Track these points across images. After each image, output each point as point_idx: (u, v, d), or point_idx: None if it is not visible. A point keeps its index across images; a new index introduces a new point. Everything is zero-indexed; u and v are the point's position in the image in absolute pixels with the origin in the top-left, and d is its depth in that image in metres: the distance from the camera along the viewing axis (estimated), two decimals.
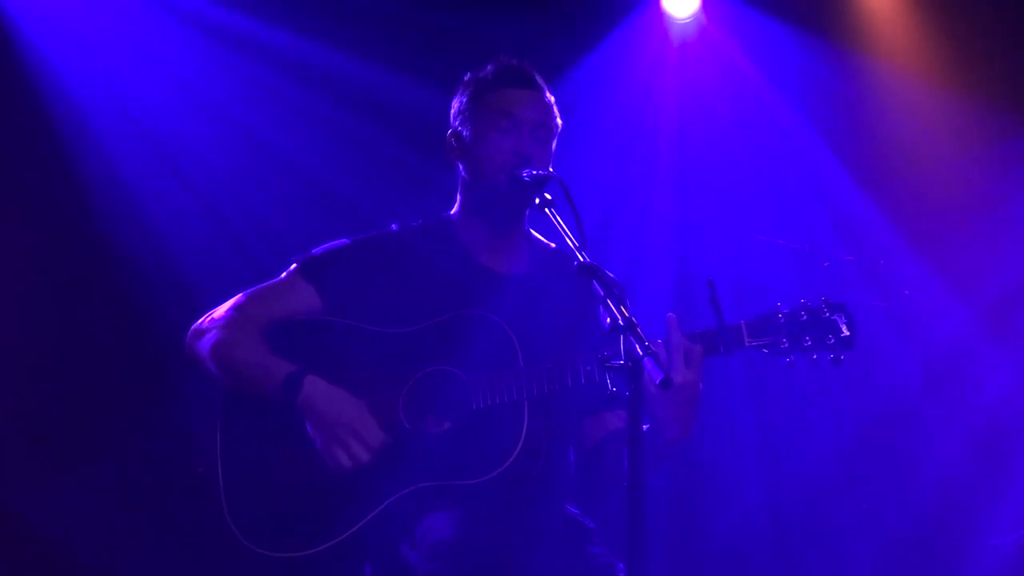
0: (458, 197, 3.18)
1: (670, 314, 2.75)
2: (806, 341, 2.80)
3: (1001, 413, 5.58)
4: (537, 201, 2.78)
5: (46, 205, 4.71)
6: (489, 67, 3.12)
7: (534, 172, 2.88)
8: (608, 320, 2.40)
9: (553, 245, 3.19)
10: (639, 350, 2.31)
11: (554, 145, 3.09)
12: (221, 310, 3.09)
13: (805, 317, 2.81)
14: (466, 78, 3.16)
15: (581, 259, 2.56)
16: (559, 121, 3.11)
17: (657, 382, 2.26)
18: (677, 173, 5.60)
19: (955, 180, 5.82)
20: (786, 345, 2.80)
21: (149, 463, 4.61)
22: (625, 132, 5.57)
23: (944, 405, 5.73)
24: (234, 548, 2.90)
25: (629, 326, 2.36)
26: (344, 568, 2.89)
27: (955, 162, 5.82)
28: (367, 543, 2.87)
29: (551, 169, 2.93)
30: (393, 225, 3.21)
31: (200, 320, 3.11)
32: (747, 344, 2.81)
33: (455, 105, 3.15)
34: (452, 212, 3.19)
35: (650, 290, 5.24)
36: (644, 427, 2.42)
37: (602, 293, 2.45)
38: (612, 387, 2.48)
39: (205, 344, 3.04)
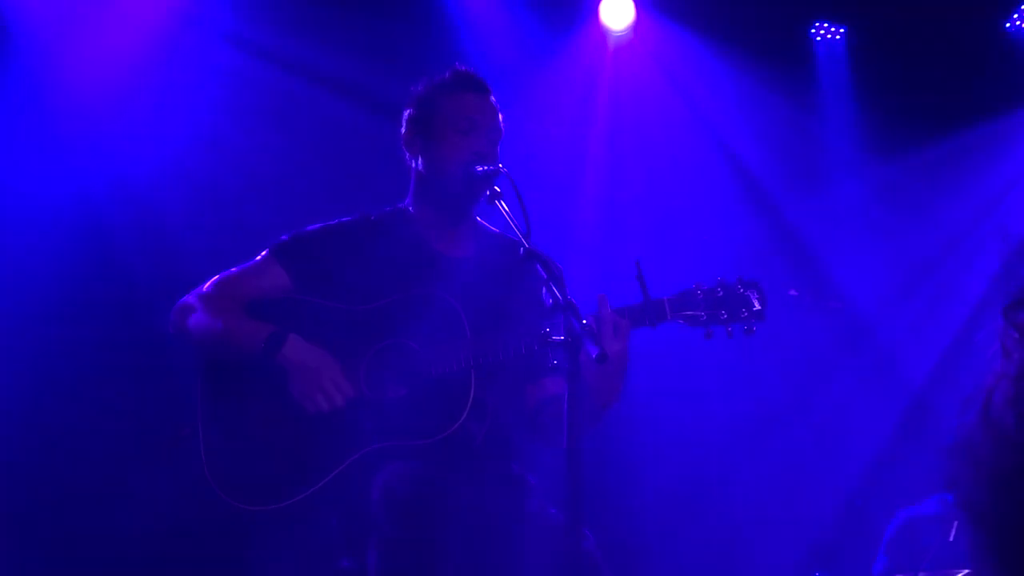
0: (412, 188, 3.42)
1: (601, 294, 3.03)
2: (722, 315, 3.08)
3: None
4: (488, 193, 3.06)
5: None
6: (447, 74, 3.38)
7: (486, 167, 3.16)
8: (550, 300, 2.65)
9: (496, 231, 3.45)
10: (577, 327, 2.56)
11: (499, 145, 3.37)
12: (201, 289, 3.33)
13: (721, 293, 3.09)
14: (423, 83, 3.41)
15: (527, 245, 2.81)
16: (503, 125, 3.38)
17: (594, 356, 2.48)
18: (610, 170, 5.99)
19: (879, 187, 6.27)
20: (704, 318, 3.08)
21: (142, 429, 4.91)
22: (568, 129, 5.94)
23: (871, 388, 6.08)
24: (214, 503, 3.13)
25: (568, 306, 2.61)
26: (314, 518, 3.14)
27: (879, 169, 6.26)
28: (333, 496, 3.11)
29: (500, 165, 3.19)
30: (355, 214, 3.47)
31: (183, 299, 3.34)
32: (669, 317, 3.08)
33: (414, 107, 3.39)
34: (406, 202, 3.44)
35: (584, 272, 5.60)
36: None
37: (545, 276, 2.70)
38: (553, 360, 2.77)
39: (190, 317, 3.28)
